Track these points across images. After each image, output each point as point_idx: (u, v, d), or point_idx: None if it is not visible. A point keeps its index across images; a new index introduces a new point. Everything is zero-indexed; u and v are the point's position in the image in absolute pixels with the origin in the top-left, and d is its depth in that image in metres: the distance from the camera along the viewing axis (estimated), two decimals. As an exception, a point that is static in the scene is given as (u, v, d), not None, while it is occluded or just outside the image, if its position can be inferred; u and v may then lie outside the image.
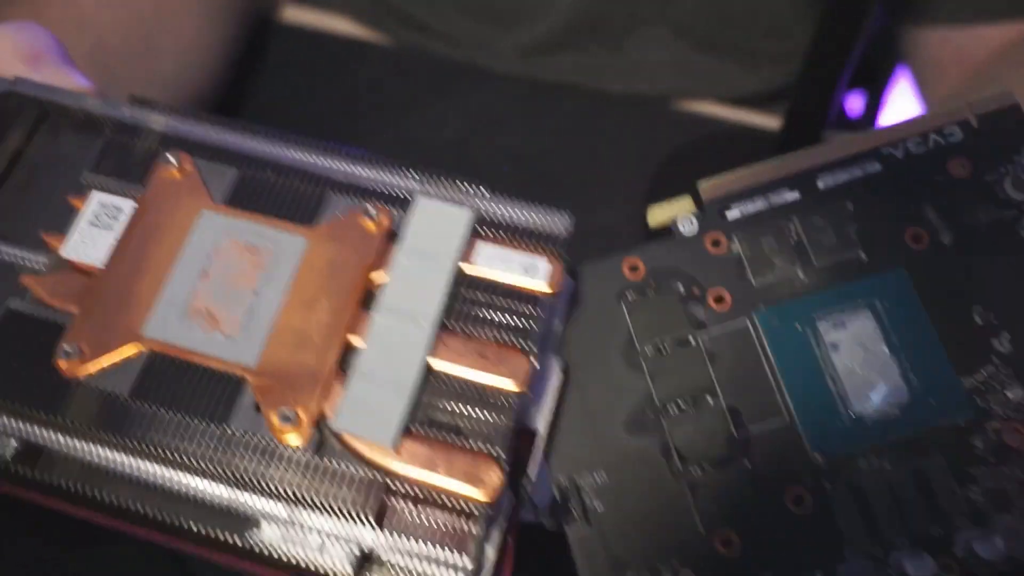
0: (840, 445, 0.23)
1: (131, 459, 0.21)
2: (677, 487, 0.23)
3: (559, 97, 0.56)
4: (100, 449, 0.21)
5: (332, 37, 0.59)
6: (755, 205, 0.26)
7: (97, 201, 0.24)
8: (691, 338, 0.24)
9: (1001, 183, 0.25)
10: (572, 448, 0.24)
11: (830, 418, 0.23)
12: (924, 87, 0.53)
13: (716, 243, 0.25)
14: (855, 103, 0.75)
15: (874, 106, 0.71)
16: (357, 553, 0.20)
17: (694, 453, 0.23)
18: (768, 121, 0.56)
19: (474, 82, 0.56)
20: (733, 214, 0.25)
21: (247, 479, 0.20)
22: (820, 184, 0.25)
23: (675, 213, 0.26)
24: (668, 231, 0.26)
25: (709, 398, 0.24)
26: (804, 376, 0.24)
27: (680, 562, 0.23)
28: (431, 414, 0.21)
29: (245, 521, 0.21)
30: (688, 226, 0.25)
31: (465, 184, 0.23)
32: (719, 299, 0.25)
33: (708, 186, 0.26)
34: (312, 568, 0.21)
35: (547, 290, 0.22)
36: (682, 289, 0.25)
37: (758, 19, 0.54)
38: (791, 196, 0.25)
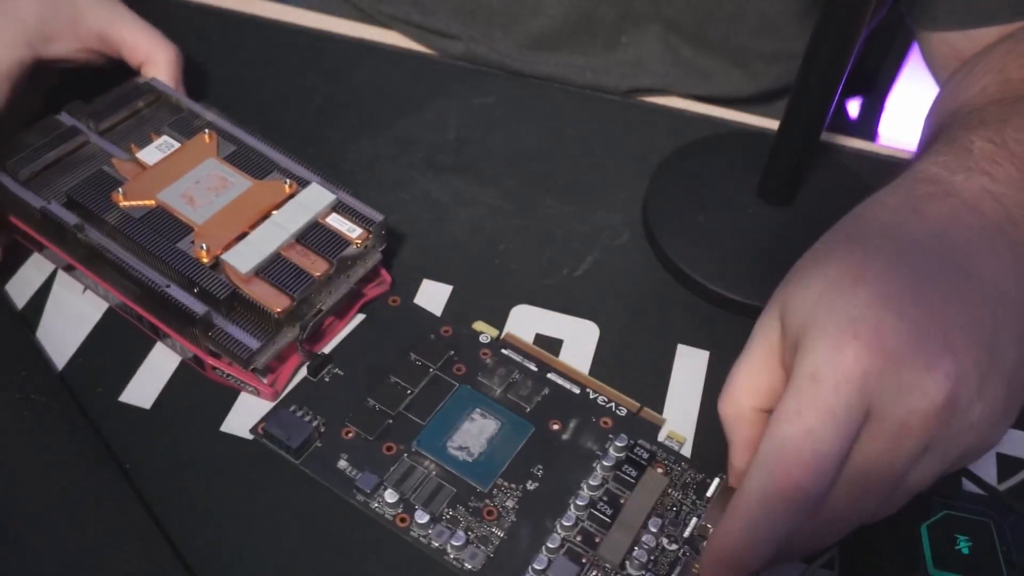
0: (430, 448, 0.43)
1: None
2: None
3: (559, 99, 0.58)
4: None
5: (333, 37, 0.60)
6: (514, 355, 0.47)
7: (163, 139, 0.50)
8: (431, 370, 0.46)
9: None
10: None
11: (440, 436, 0.43)
12: (950, 83, 0.53)
13: (485, 354, 0.46)
14: (854, 108, 0.75)
15: (875, 110, 0.72)
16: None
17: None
18: (767, 123, 0.58)
19: (474, 82, 0.58)
20: (507, 352, 0.47)
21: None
22: (551, 375, 0.46)
23: (486, 330, 0.47)
24: (476, 336, 0.47)
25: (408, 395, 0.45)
26: (449, 416, 0.44)
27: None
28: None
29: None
30: (487, 339, 0.47)
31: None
32: (458, 369, 0.46)
33: (507, 335, 0.47)
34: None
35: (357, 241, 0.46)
36: (453, 354, 0.46)
37: (746, 17, 0.57)
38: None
